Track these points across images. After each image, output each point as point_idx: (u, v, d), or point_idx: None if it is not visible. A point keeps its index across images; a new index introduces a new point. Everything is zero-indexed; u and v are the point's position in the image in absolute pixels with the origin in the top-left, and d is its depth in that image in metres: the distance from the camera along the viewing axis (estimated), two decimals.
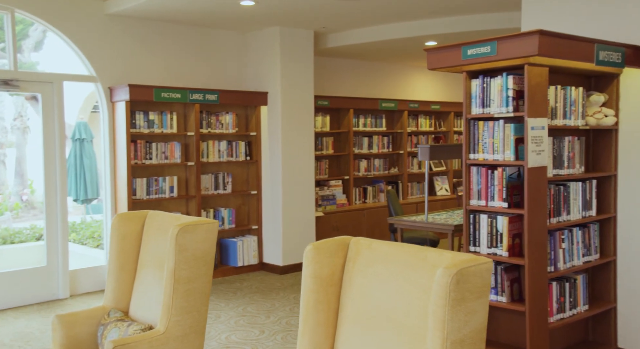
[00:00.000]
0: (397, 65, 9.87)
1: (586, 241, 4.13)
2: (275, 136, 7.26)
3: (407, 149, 9.53)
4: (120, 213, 3.37)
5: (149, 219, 3.37)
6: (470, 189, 3.88)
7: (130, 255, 3.35)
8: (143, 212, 3.43)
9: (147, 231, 3.34)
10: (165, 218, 3.29)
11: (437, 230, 6.05)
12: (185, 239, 2.90)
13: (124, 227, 3.33)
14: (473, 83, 3.85)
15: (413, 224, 6.21)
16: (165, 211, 3.56)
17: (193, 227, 2.94)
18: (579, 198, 4.05)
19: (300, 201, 7.42)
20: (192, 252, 2.93)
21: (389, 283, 2.19)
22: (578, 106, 4.00)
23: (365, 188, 9.09)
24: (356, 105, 8.69)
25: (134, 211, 3.42)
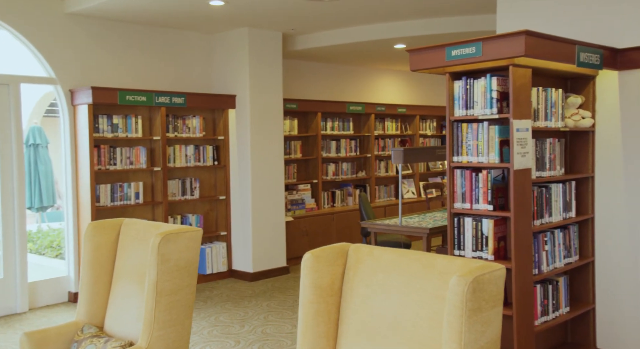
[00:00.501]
0: (365, 68, 9.83)
1: (567, 242, 4.13)
2: (244, 140, 7.10)
3: (374, 152, 9.48)
4: (94, 222, 3.18)
5: (125, 228, 3.19)
6: (454, 192, 3.82)
7: (104, 266, 3.16)
8: (118, 220, 3.24)
9: (124, 240, 3.16)
10: (143, 227, 3.11)
11: (412, 234, 6.00)
12: (168, 248, 2.74)
13: (98, 237, 3.14)
14: (456, 84, 3.80)
15: (387, 228, 6.14)
16: (139, 219, 3.37)
17: (175, 235, 2.78)
18: (560, 200, 4.04)
19: (270, 206, 7.28)
20: (175, 262, 2.77)
21: (395, 292, 2.09)
22: (558, 108, 3.99)
23: (333, 192, 9.00)
24: (324, 108, 8.60)
25: (108, 220, 3.23)
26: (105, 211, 6.35)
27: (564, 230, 4.09)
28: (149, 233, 3.01)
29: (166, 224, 3.07)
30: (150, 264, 2.74)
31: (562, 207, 4.05)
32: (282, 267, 7.39)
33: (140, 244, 3.03)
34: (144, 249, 2.98)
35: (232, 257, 7.30)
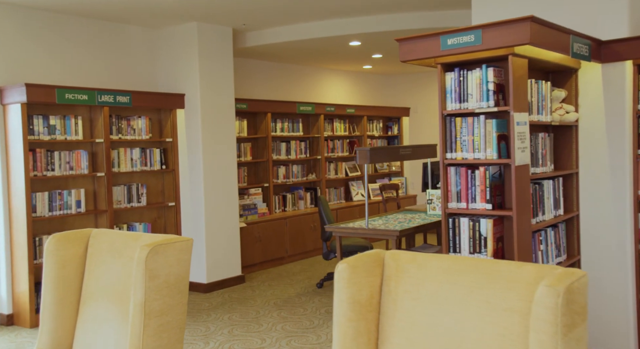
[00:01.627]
0: (314, 67, 9.55)
1: (557, 241, 3.98)
2: (194, 142, 6.65)
3: (324, 154, 9.21)
4: (57, 234, 2.72)
5: (94, 240, 2.74)
6: (448, 191, 3.59)
7: (71, 285, 2.70)
8: (84, 231, 2.79)
9: (94, 254, 2.71)
10: (118, 238, 2.68)
11: (381, 237, 5.75)
12: (157, 262, 2.34)
13: (62, 251, 2.68)
14: (448, 76, 3.57)
15: (354, 231, 5.87)
16: (109, 229, 2.93)
17: (164, 247, 2.38)
18: (551, 197, 3.89)
19: (224, 212, 6.85)
20: (165, 278, 2.37)
21: (450, 305, 1.79)
22: (547, 101, 3.84)
23: (284, 196, 8.65)
24: (274, 108, 8.25)
25: (74, 231, 2.77)
26: (42, 222, 5.75)
27: (554, 228, 3.94)
28: (127, 245, 2.59)
29: (144, 233, 2.66)
30: (135, 282, 2.33)
31: (552, 205, 3.90)
32: (237, 276, 6.97)
33: (116, 259, 2.60)
34: (122, 263, 2.55)
35: None
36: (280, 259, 8.07)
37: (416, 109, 10.89)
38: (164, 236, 2.49)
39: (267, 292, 6.56)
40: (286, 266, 7.96)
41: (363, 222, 6.30)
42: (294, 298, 6.30)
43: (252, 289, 6.71)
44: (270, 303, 6.12)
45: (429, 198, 6.82)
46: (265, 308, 5.93)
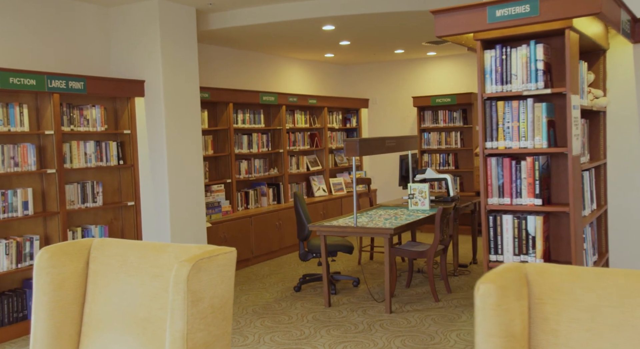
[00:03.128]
0: (275, 55, 8.99)
1: (592, 238, 3.65)
2: (156, 134, 5.97)
3: (286, 147, 8.67)
4: (50, 247, 2.10)
5: (98, 253, 2.14)
6: (488, 185, 3.16)
7: (70, 312, 2.09)
8: (83, 242, 2.18)
9: (99, 271, 2.11)
10: (129, 250, 2.09)
11: (373, 235, 5.31)
12: (201, 282, 1.79)
13: (59, 268, 2.07)
14: (487, 55, 3.13)
15: (342, 230, 5.39)
16: (114, 238, 2.32)
17: (207, 262, 1.83)
18: (588, 190, 3.54)
19: (190, 211, 6.21)
20: (210, 302, 1.82)
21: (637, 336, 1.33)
22: (585, 84, 3.49)
23: (247, 192, 8.06)
24: (237, 98, 7.64)
25: (70, 243, 2.16)
26: None
27: (590, 225, 3.60)
28: (146, 259, 2.02)
29: (164, 244, 2.08)
30: (174, 308, 1.76)
31: (589, 199, 3.56)
32: None
33: (132, 276, 2.02)
34: (141, 282, 1.98)
35: None
36: (246, 260, 7.49)
37: (375, 100, 10.52)
38: (201, 247, 1.93)
39: (240, 298, 5.98)
40: (253, 268, 7.39)
41: (346, 219, 5.83)
42: (272, 304, 5.76)
43: None
44: (249, 310, 5.55)
45: (411, 193, 6.43)
46: (244, 316, 5.36)
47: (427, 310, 5.35)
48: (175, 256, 1.99)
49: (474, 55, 9.57)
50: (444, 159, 9.80)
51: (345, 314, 5.30)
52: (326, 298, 5.55)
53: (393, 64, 10.28)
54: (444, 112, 9.70)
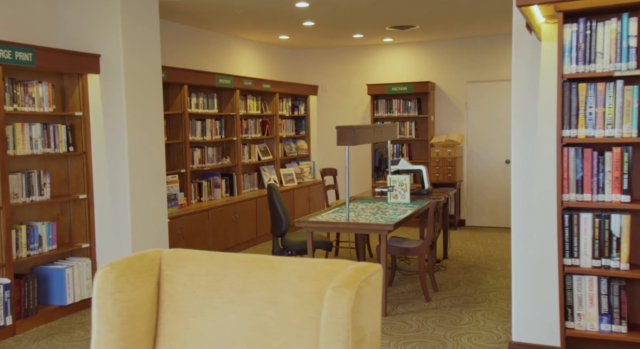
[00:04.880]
0: (230, 36, 8.28)
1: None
2: (115, 117, 5.20)
3: (240, 135, 8.03)
4: (114, 263, 1.50)
5: (172, 270, 1.55)
6: (564, 179, 2.78)
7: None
8: (150, 255, 1.59)
9: (176, 295, 1.53)
10: (219, 265, 1.53)
11: (370, 232, 4.85)
12: (364, 315, 1.28)
13: (130, 293, 1.48)
14: (567, 30, 2.74)
15: (333, 226, 4.89)
16: (194, 250, 1.71)
17: (366, 285, 1.30)
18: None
19: (152, 205, 5.50)
20: (370, 340, 1.29)
21: None
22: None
23: (200, 183, 7.37)
24: (193, 79, 6.92)
25: (136, 256, 1.56)
26: None
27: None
28: (256, 279, 1.46)
29: (265, 256, 1.52)
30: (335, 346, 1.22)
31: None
32: None
33: (235, 303, 1.46)
34: (250, 313, 1.42)
35: None
36: None
37: (325, 87, 10.05)
38: (329, 263, 1.40)
39: None
40: None
41: (332, 214, 5.35)
42: None
43: None
44: None
45: (391, 185, 6.04)
46: None
47: (423, 311, 4.97)
48: (297, 274, 1.46)
49: (432, 43, 9.37)
50: (398, 150, 9.51)
51: None
52: None
53: (346, 50, 9.84)
54: (398, 101, 9.40)
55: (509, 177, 9.09)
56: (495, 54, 8.97)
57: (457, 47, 9.16)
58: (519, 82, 3.91)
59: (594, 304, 2.75)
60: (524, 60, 3.88)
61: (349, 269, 1.43)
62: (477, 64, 9.08)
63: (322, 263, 1.51)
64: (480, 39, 9.01)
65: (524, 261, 3.88)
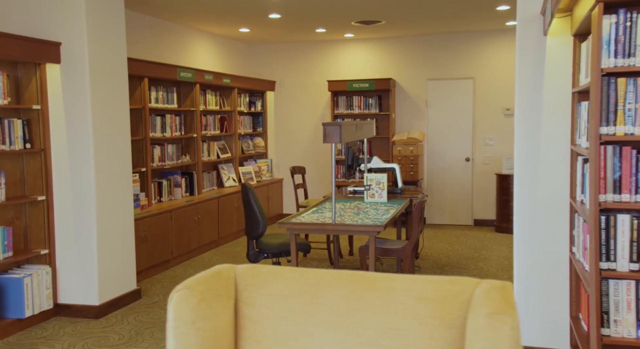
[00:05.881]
0: (190, 28, 7.87)
1: None
2: (79, 112, 4.76)
3: (200, 131, 7.65)
4: (190, 284, 1.28)
5: (252, 291, 1.27)
6: (601, 179, 2.65)
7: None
8: (223, 272, 1.31)
9: (261, 321, 1.25)
10: (312, 285, 1.26)
11: (358, 233, 4.63)
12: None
13: (213, 321, 1.22)
14: (605, 21, 2.61)
15: (321, 228, 4.65)
16: (271, 265, 1.43)
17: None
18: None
19: (118, 207, 5.09)
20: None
21: None
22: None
23: (160, 183, 6.95)
24: (154, 72, 6.50)
25: (212, 273, 1.28)
26: None
27: None
28: (367, 301, 1.21)
29: (364, 273, 1.27)
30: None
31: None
32: (133, 291, 5.26)
33: (342, 331, 1.19)
34: (362, 340, 1.17)
35: (59, 286, 4.90)
36: (166, 262, 6.44)
37: (282, 83, 9.77)
38: (442, 281, 1.17)
39: None
40: (176, 271, 6.36)
41: (314, 215, 5.10)
42: None
43: (160, 306, 5.08)
44: None
45: (368, 184, 5.85)
46: None
47: None
48: (414, 294, 1.22)
49: (393, 40, 9.23)
50: (358, 147, 9.33)
51: None
52: None
53: (306, 45, 9.58)
54: (359, 98, 9.24)
55: (469, 175, 9.17)
56: (456, 51, 8.94)
57: (418, 44, 9.09)
58: (523, 79, 3.79)
59: (631, 310, 2.63)
60: (528, 56, 3.76)
61: (483, 290, 1.20)
62: (438, 61, 9.03)
63: (440, 281, 1.28)
64: (441, 36, 8.97)
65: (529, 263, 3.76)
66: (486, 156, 8.98)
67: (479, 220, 9.06)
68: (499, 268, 6.39)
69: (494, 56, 8.81)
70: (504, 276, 6.07)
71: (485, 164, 9.00)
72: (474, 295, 1.22)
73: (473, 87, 8.95)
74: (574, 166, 3.60)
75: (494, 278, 6.07)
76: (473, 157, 9.04)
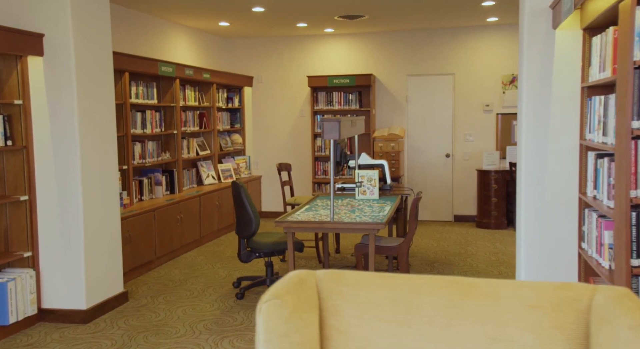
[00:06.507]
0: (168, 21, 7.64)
1: None
2: (64, 108, 4.53)
3: (180, 128, 7.44)
4: (278, 292, 1.15)
5: (337, 299, 1.15)
6: (632, 174, 2.60)
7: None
8: (302, 277, 1.18)
9: (351, 331, 1.13)
10: (410, 287, 1.16)
11: (359, 231, 4.53)
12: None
13: (304, 333, 1.09)
14: (638, 12, 2.55)
15: (320, 226, 4.53)
16: (349, 270, 1.31)
17: None
18: None
19: (105, 207, 4.88)
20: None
21: None
22: None
23: (140, 181, 6.72)
24: (135, 66, 6.27)
25: (293, 281, 1.16)
26: None
27: None
28: (472, 309, 1.10)
29: (465, 278, 1.16)
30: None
31: None
32: (120, 294, 5.05)
33: (442, 341, 1.09)
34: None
35: (42, 290, 4.67)
36: (149, 263, 6.23)
37: (260, 78, 9.60)
38: (554, 286, 1.08)
39: (174, 312, 4.83)
40: (160, 272, 6.16)
41: (309, 213, 4.98)
42: (223, 317, 4.71)
43: (149, 309, 4.90)
44: (199, 327, 4.46)
45: (359, 180, 5.76)
46: (201, 336, 4.27)
47: None
48: (525, 302, 1.12)
49: (373, 35, 9.14)
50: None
51: None
52: None
53: (285, 40, 9.43)
54: (339, 94, 9.14)
55: (450, 171, 9.17)
56: (436, 47, 8.92)
57: (399, 40, 9.03)
58: (531, 73, 3.74)
59: None
60: (536, 50, 3.71)
61: (605, 297, 1.10)
62: (418, 57, 9.00)
63: (551, 287, 1.18)
64: (422, 32, 8.93)
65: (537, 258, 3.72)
66: (466, 152, 8.99)
67: (459, 216, 9.08)
68: (488, 263, 6.38)
69: (474, 52, 8.82)
70: (494, 272, 6.06)
71: (465, 160, 9.01)
72: (594, 302, 1.12)
73: (453, 83, 8.94)
74: (583, 161, 3.56)
75: (484, 273, 6.06)
76: (453, 153, 9.04)
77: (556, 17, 3.51)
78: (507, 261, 6.45)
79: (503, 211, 8.37)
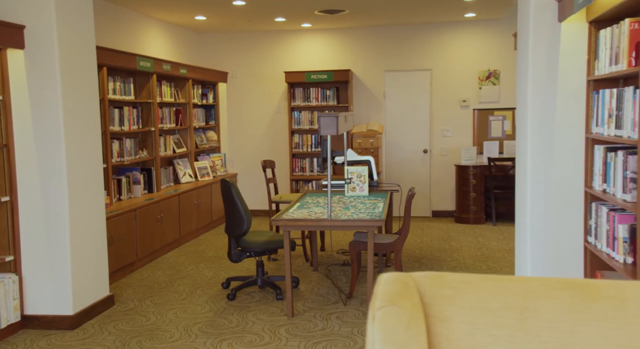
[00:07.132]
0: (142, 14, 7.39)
1: None
2: (46, 102, 4.31)
3: (157, 125, 7.22)
4: (392, 297, 1.02)
5: (448, 305, 1.04)
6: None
7: None
8: (406, 282, 1.08)
9: (464, 339, 1.04)
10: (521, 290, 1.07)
11: (358, 229, 4.45)
12: None
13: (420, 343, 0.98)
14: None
15: (318, 224, 4.43)
16: (431, 272, 1.21)
17: None
18: None
19: (91, 207, 4.67)
20: None
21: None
22: None
23: (119, 180, 6.49)
24: (114, 61, 6.04)
25: (397, 285, 1.05)
26: None
27: None
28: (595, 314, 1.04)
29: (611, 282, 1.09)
30: None
31: None
32: (106, 297, 4.85)
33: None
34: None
35: (25, 296, 4.44)
36: (131, 264, 6.02)
37: (235, 74, 9.42)
38: None
39: (165, 316, 4.66)
40: (143, 273, 5.95)
41: (304, 211, 4.87)
42: (217, 319, 4.56)
43: (138, 313, 4.71)
44: (194, 330, 4.30)
45: (349, 177, 5.68)
46: (197, 339, 4.12)
47: None
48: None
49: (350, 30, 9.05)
50: (316, 140, 9.16)
51: (323, 324, 4.37)
52: (289, 305, 4.55)
53: (261, 35, 9.27)
54: (316, 89, 9.04)
55: (428, 166, 9.18)
56: (413, 43, 8.91)
57: (376, 35, 8.98)
58: (537, 67, 3.70)
59: None
60: (542, 43, 3.68)
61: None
62: (395, 53, 8.96)
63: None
64: (399, 27, 8.90)
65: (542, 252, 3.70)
66: (444, 147, 9.01)
67: (437, 211, 9.09)
68: (474, 259, 6.39)
69: (451, 48, 8.83)
70: (482, 267, 6.06)
71: (442, 156, 9.03)
72: None
73: (430, 78, 8.94)
74: (589, 154, 3.56)
75: (472, 268, 6.05)
76: (431, 149, 9.05)
77: (564, 10, 3.48)
78: (492, 256, 6.47)
79: (482, 206, 8.42)
